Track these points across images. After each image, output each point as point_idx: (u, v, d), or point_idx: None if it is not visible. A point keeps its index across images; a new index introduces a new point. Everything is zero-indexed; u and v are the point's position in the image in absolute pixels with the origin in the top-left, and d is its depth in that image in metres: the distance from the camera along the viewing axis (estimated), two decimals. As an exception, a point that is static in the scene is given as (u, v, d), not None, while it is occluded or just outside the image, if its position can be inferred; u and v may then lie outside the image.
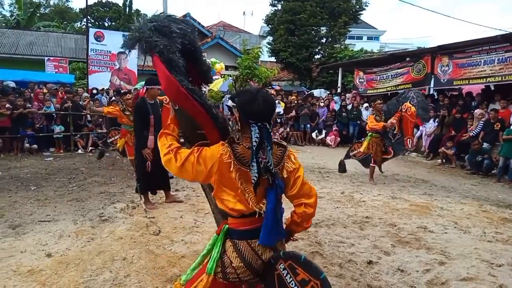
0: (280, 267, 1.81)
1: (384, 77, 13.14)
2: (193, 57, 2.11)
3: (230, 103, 1.84)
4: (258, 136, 1.70)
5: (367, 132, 7.05)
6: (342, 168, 7.34)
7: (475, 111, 9.57)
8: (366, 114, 12.87)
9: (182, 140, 2.01)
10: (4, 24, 27.26)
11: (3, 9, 39.72)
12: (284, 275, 1.80)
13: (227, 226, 1.89)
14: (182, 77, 1.84)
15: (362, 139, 7.59)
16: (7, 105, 9.23)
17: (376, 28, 45.33)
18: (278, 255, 1.84)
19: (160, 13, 2.05)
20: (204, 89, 2.38)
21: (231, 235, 1.87)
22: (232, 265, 1.81)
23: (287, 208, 1.94)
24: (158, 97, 5.03)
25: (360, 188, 6.51)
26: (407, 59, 12.52)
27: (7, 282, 2.98)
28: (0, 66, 14.65)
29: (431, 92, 12.30)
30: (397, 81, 12.49)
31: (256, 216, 1.80)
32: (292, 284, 1.77)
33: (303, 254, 1.83)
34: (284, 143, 1.89)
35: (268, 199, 1.75)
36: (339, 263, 3.44)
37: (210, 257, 1.88)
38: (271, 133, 1.80)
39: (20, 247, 3.64)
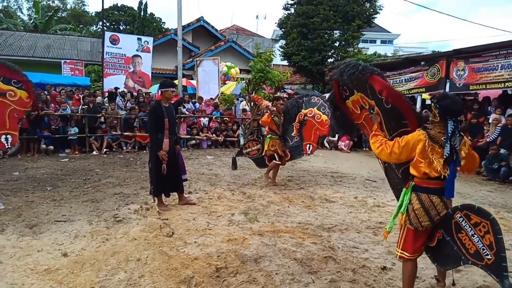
0: (457, 216, 2.55)
1: (398, 81, 12.99)
2: None
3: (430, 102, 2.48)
4: (453, 127, 2.52)
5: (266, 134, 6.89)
6: (234, 165, 7.21)
7: (491, 116, 9.40)
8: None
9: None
10: (22, 28, 27.88)
11: (22, 13, 40.72)
12: (461, 221, 2.53)
13: (413, 183, 2.70)
14: None
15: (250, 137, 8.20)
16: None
17: (390, 32, 45.02)
18: (456, 207, 2.58)
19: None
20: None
21: (415, 189, 2.68)
22: (414, 209, 2.64)
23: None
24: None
25: (373, 193, 6.45)
26: (422, 63, 12.36)
27: (25, 280, 3.05)
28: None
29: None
30: (410, 85, 12.33)
31: (437, 180, 2.59)
32: (466, 226, 2.49)
33: (476, 204, 2.52)
34: (462, 133, 2.67)
35: (450, 168, 2.54)
36: (353, 268, 3.42)
37: (401, 204, 2.75)
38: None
39: (37, 246, 3.72)
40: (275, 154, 6.66)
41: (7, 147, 4.96)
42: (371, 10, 20.32)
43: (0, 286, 2.95)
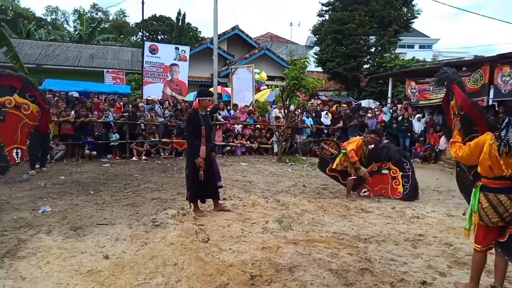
0: None
1: (438, 88, 12.55)
2: None
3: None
4: (508, 121, 2.78)
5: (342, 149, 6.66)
6: (304, 148, 7.09)
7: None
8: (418, 125, 12.40)
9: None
10: (68, 39, 29.54)
11: (68, 25, 43.24)
12: None
13: (480, 183, 2.97)
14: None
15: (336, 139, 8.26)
16: (72, 114, 9.98)
17: (428, 37, 43.61)
18: None
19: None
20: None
21: (483, 189, 2.95)
22: (483, 207, 2.91)
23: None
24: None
25: (411, 203, 6.23)
26: (463, 68, 11.87)
27: (70, 280, 3.21)
28: (65, 77, 15.86)
29: (491, 103, 11.56)
30: (452, 91, 11.88)
31: (503, 180, 2.83)
32: None
33: None
34: None
35: None
36: (391, 282, 3.32)
37: (472, 203, 3.02)
38: None
39: (80, 248, 3.90)
40: (347, 170, 6.56)
41: (17, 161, 4.85)
42: (409, 14, 19.77)
43: (47, 285, 3.12)
